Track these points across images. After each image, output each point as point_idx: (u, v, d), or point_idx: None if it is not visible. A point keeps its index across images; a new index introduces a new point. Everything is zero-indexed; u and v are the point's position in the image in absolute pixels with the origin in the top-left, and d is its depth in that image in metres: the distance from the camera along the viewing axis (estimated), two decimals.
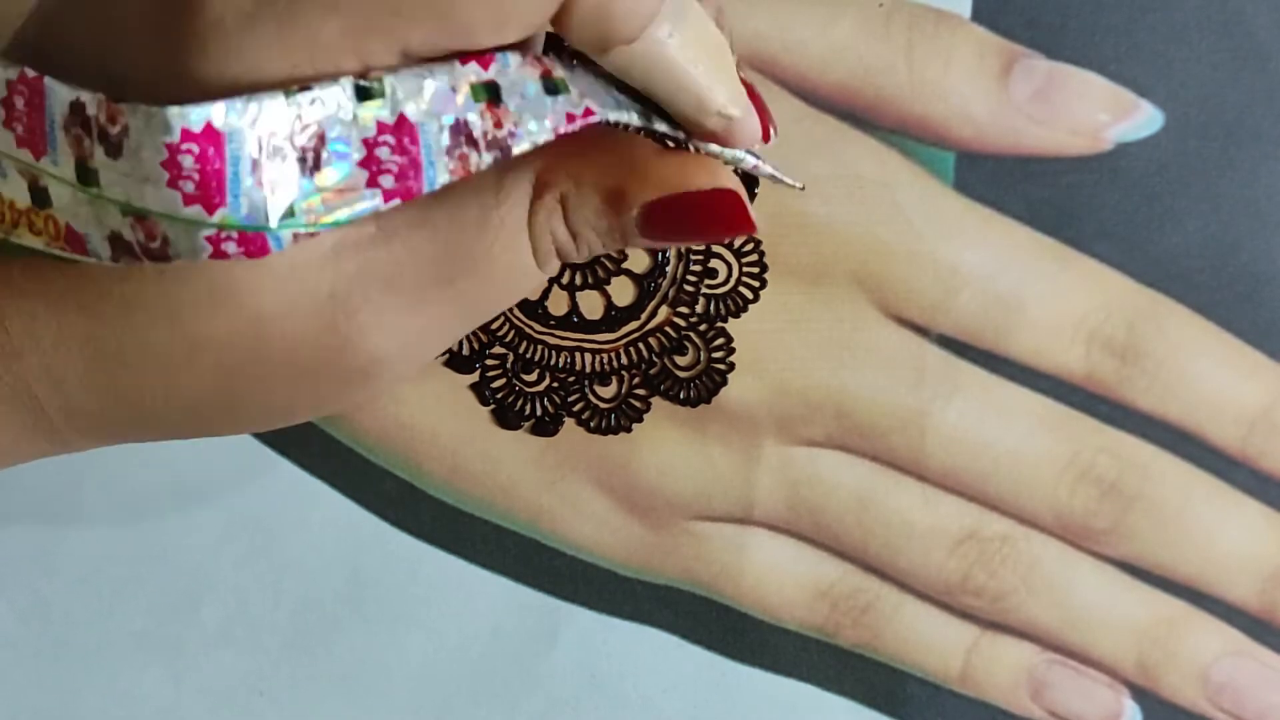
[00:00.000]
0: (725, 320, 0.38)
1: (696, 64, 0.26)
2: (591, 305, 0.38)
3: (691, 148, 0.28)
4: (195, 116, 0.23)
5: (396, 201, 0.24)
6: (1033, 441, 0.39)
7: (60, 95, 0.24)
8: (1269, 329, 0.38)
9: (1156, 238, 0.38)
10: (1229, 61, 0.38)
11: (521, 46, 0.25)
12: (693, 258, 0.38)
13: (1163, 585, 0.39)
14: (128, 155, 0.23)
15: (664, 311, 0.38)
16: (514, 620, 0.39)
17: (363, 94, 0.24)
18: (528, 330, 0.38)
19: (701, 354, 0.38)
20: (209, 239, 0.24)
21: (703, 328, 0.38)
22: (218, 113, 0.23)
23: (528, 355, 0.38)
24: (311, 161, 0.24)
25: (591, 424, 0.38)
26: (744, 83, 0.28)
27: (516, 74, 0.25)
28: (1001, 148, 0.38)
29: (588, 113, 0.26)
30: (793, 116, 0.38)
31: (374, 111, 0.24)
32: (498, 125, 0.25)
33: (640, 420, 0.38)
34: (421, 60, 0.24)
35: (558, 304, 0.38)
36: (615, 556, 0.39)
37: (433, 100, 0.24)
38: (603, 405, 0.38)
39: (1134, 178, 0.38)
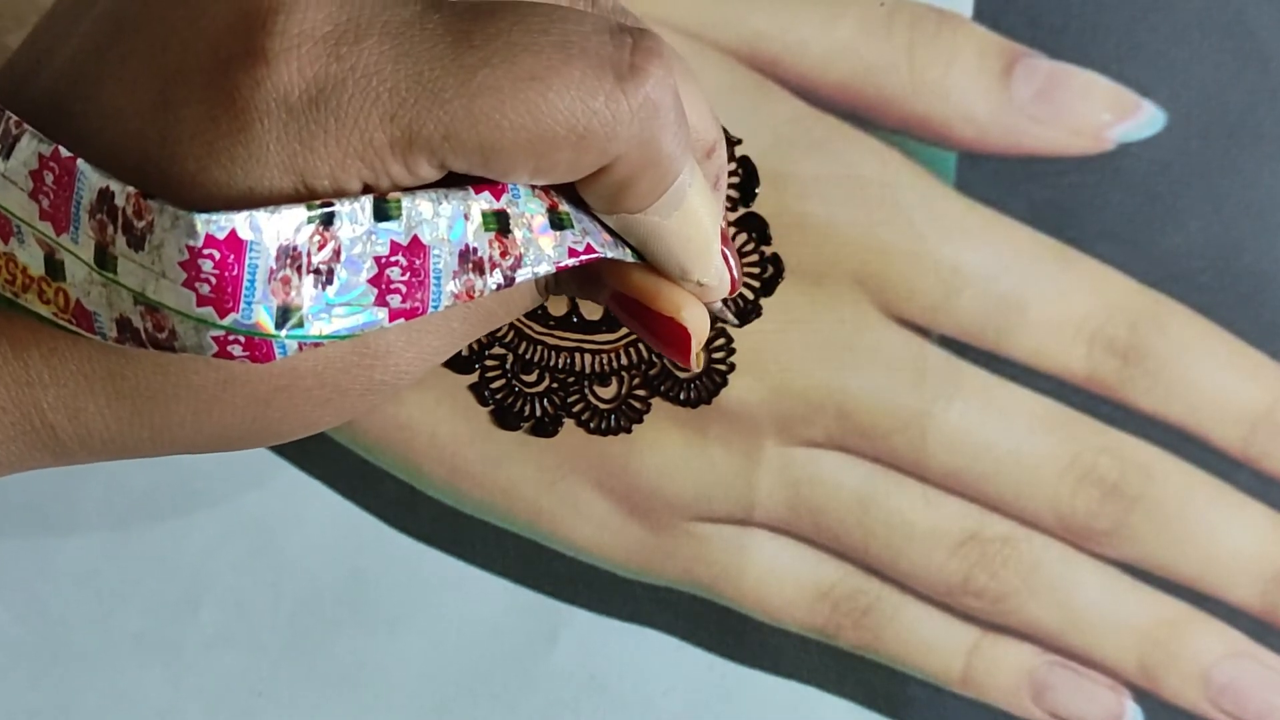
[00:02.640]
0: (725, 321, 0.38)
1: (686, 242, 0.28)
2: (591, 305, 0.38)
3: None
4: (221, 224, 0.23)
5: (401, 321, 0.25)
6: (1034, 442, 0.38)
7: (90, 180, 0.24)
8: (1271, 329, 0.38)
9: (1158, 238, 0.38)
10: (1231, 61, 0.38)
11: None
12: None
13: (1164, 587, 0.39)
14: (149, 250, 0.24)
15: None
16: (513, 621, 0.39)
17: (380, 213, 0.25)
18: (527, 331, 0.38)
19: (702, 355, 0.38)
20: (216, 339, 0.24)
21: None
22: (242, 222, 0.23)
23: (527, 356, 0.38)
24: (325, 276, 0.24)
25: (591, 425, 0.38)
26: (724, 236, 0.30)
27: (525, 205, 0.26)
28: (1003, 148, 0.38)
29: (589, 249, 0.27)
30: (794, 117, 0.38)
31: (390, 232, 0.25)
32: (504, 255, 0.26)
33: (640, 421, 0.38)
34: (437, 184, 0.25)
35: (558, 304, 0.38)
36: (615, 558, 0.39)
37: (446, 226, 0.25)
38: (602, 406, 0.38)
39: (1136, 178, 0.38)
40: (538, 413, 0.38)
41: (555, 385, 0.38)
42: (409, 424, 0.38)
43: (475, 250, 0.26)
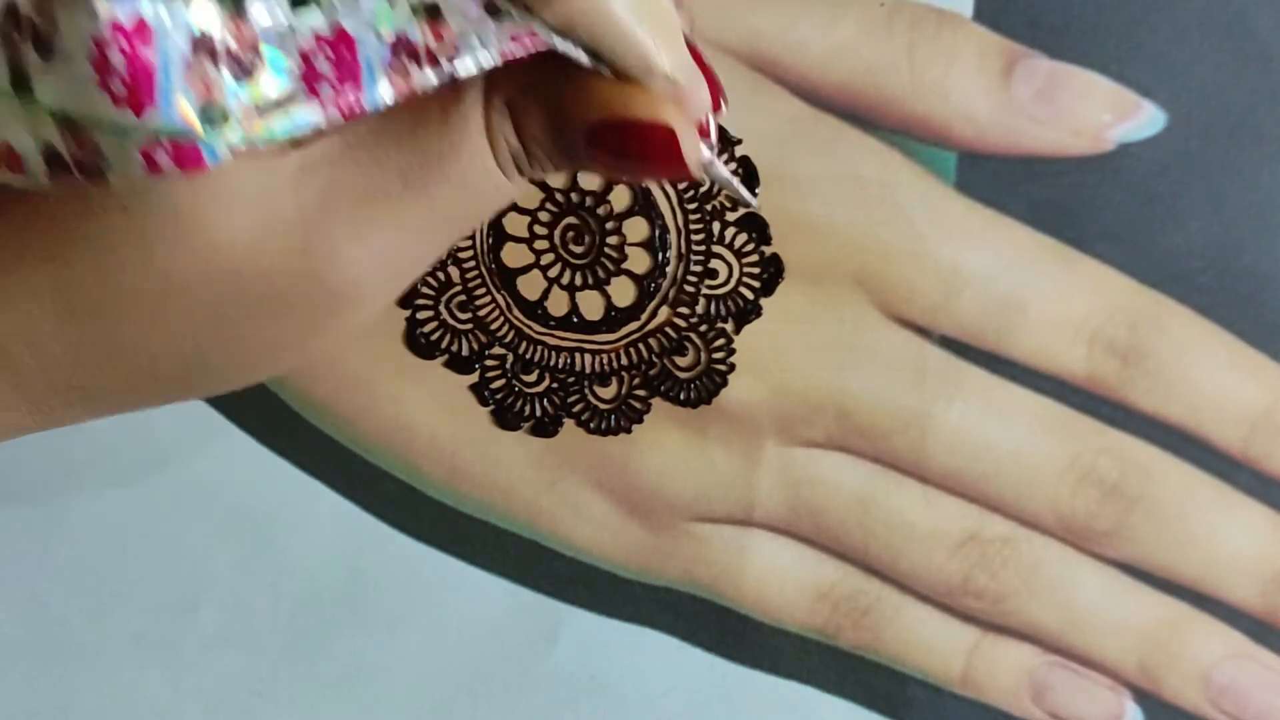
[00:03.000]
0: (726, 321, 0.38)
1: (641, 24, 0.26)
2: (591, 306, 0.38)
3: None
4: (123, 8, 0.22)
5: (337, 116, 0.24)
6: (1034, 443, 0.38)
7: None
8: (1271, 330, 0.38)
9: (1159, 238, 0.38)
10: (1231, 62, 0.38)
11: None
12: (693, 258, 0.38)
13: (1164, 587, 0.39)
14: (59, 56, 0.22)
15: (664, 312, 0.38)
16: (513, 622, 0.39)
17: (297, 1, 0.23)
18: (527, 331, 0.38)
19: (702, 355, 0.38)
20: (142, 151, 0.23)
21: (703, 328, 0.38)
22: (148, 7, 0.22)
23: (527, 356, 0.38)
24: (247, 68, 0.23)
25: (591, 425, 0.38)
26: (693, 51, 0.27)
27: None
28: (1003, 148, 0.38)
29: (533, 37, 0.25)
30: (794, 117, 0.37)
31: (309, 21, 0.23)
32: (440, 40, 0.24)
33: (640, 421, 0.38)
34: None
35: (558, 304, 0.38)
36: (615, 558, 0.39)
37: (371, 11, 0.24)
38: (602, 406, 0.38)
39: (1136, 178, 0.38)
40: (538, 413, 0.38)
41: (555, 385, 0.38)
42: (409, 424, 0.38)
43: (408, 38, 0.24)
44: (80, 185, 0.24)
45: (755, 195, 0.38)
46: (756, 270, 0.38)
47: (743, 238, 0.38)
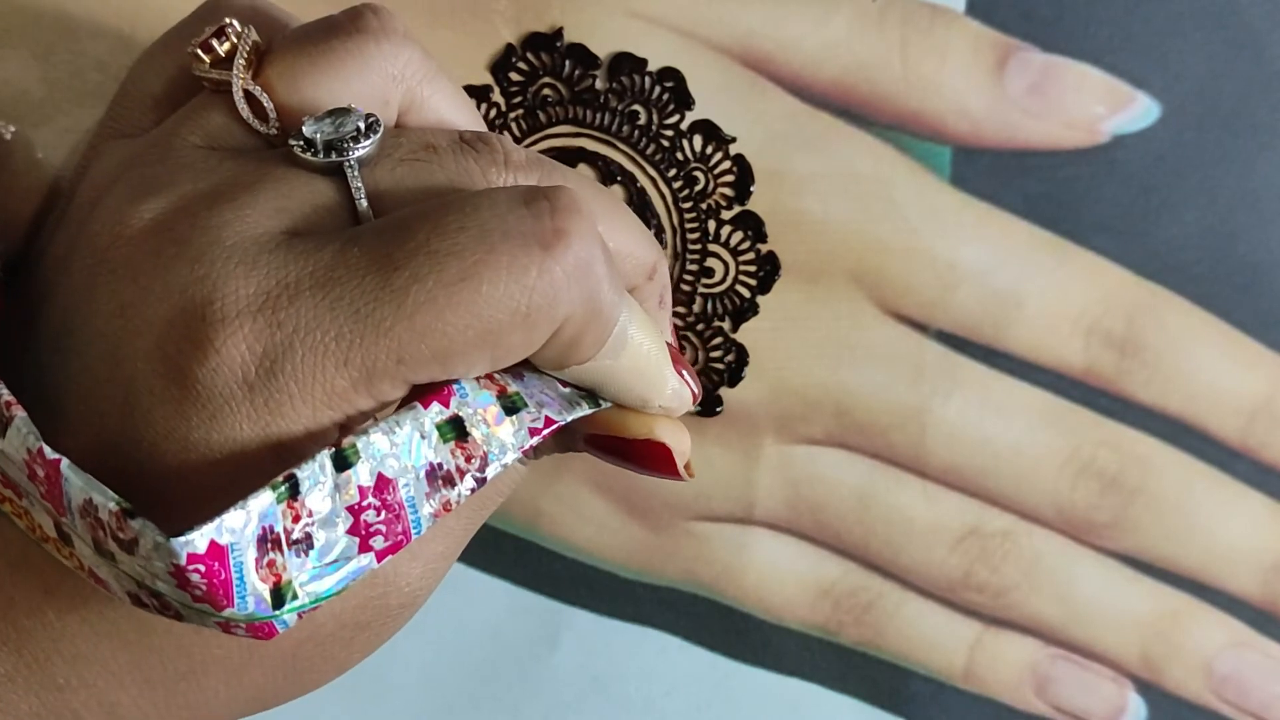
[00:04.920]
0: (723, 319, 0.38)
1: (640, 372, 0.29)
2: None
3: None
4: (198, 541, 0.23)
5: (389, 556, 0.26)
6: (1033, 436, 0.38)
7: (75, 486, 0.24)
8: (1268, 320, 0.38)
9: (1154, 230, 0.38)
10: (1225, 52, 0.38)
11: None
12: (689, 257, 0.38)
13: (1165, 578, 0.39)
14: (140, 556, 0.24)
15: None
16: (514, 624, 0.39)
17: (341, 463, 0.25)
18: None
19: (700, 354, 0.38)
20: (218, 624, 0.25)
21: (700, 327, 0.38)
22: (216, 531, 0.24)
23: None
24: (305, 543, 0.25)
25: None
26: (675, 353, 0.31)
27: (476, 400, 0.27)
28: (998, 142, 0.38)
29: (549, 422, 0.28)
30: (788, 114, 0.37)
31: (354, 478, 0.25)
32: (468, 459, 0.26)
33: None
34: (383, 409, 0.26)
35: None
36: (616, 558, 0.39)
37: (405, 453, 0.26)
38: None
39: (1131, 170, 0.38)
40: None
41: None
42: None
43: (440, 465, 0.26)
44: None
45: (750, 196, 0.38)
46: (753, 268, 0.38)
47: (739, 236, 0.38)
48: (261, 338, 0.25)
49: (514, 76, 0.37)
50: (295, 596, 0.25)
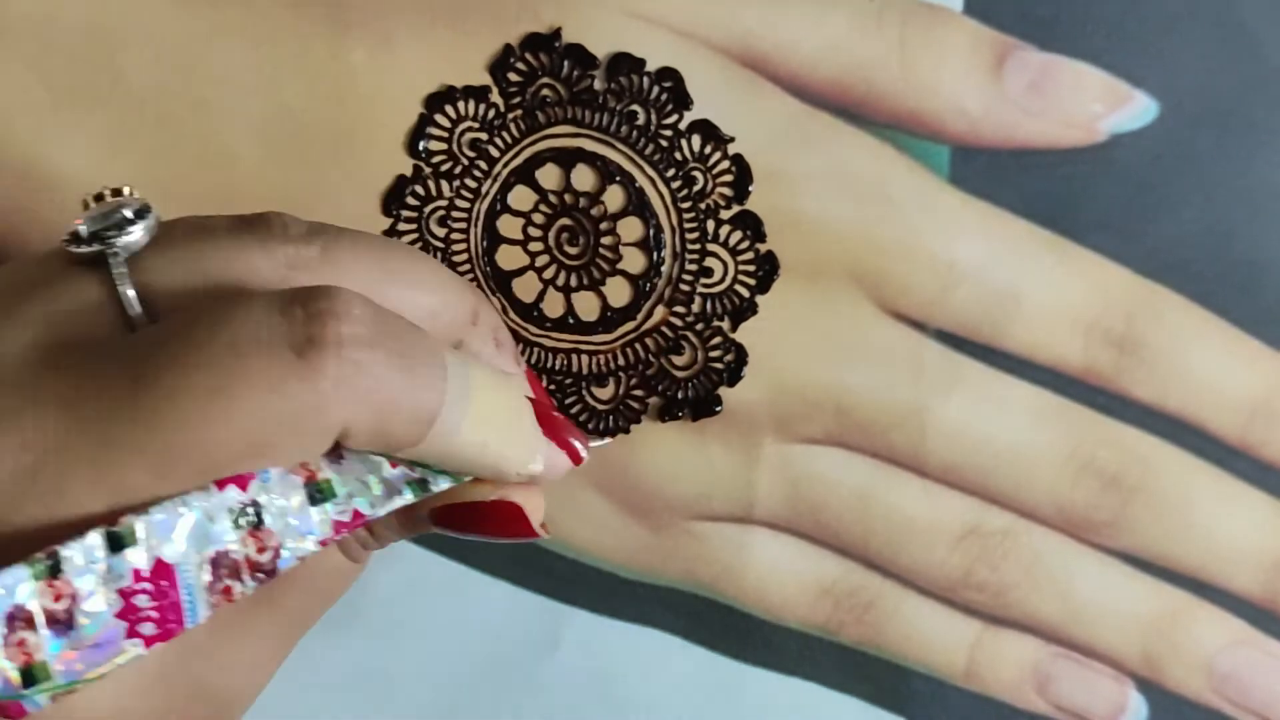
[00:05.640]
0: (722, 319, 0.38)
1: (490, 442, 0.27)
2: (587, 306, 0.38)
3: None
4: None
5: (159, 645, 0.24)
6: (1033, 435, 0.38)
7: None
8: (1267, 317, 0.38)
9: (1153, 228, 0.38)
10: (1222, 50, 0.38)
11: None
12: (688, 257, 0.38)
13: (1166, 576, 0.39)
14: None
15: (660, 312, 0.38)
16: (515, 624, 0.39)
17: (115, 543, 0.24)
18: (524, 332, 0.38)
19: (699, 354, 0.38)
20: None
21: (699, 327, 0.38)
22: None
23: (524, 357, 0.38)
24: (65, 621, 0.23)
25: (589, 426, 0.38)
26: (543, 410, 0.29)
27: (279, 487, 0.25)
28: (996, 141, 0.38)
29: (357, 516, 0.26)
30: (786, 114, 0.37)
31: (129, 560, 0.24)
32: (260, 550, 0.25)
33: (638, 421, 0.38)
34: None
35: (553, 306, 0.38)
36: (616, 558, 0.39)
37: (190, 538, 0.24)
38: (600, 407, 0.38)
39: (1129, 168, 0.38)
40: None
41: (552, 387, 0.38)
42: None
43: (228, 554, 0.25)
44: None
45: (749, 196, 0.38)
46: (752, 268, 0.38)
47: (737, 236, 0.38)
48: (6, 459, 0.23)
49: (512, 77, 0.37)
50: (49, 676, 0.23)
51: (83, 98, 0.37)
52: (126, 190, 0.27)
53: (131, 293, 0.25)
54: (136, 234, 0.26)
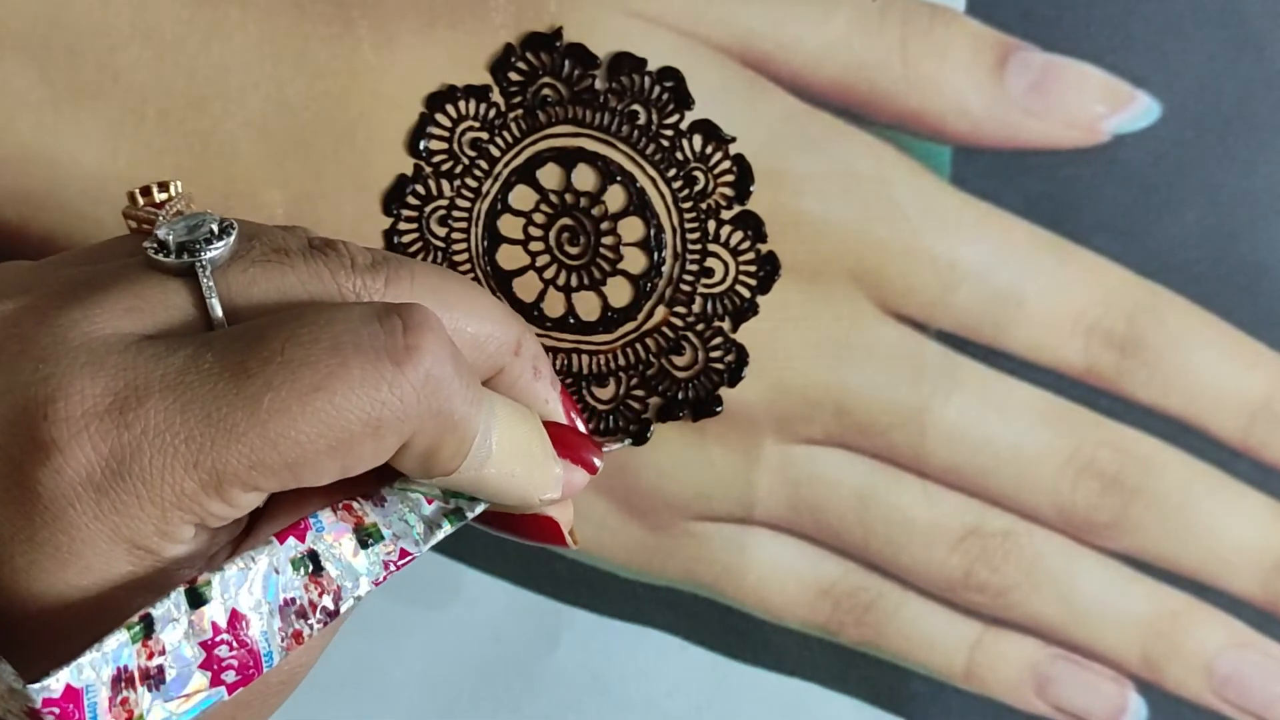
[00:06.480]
0: (723, 319, 0.38)
1: (514, 473, 0.30)
2: (588, 306, 0.38)
3: None
4: (54, 685, 0.24)
5: (240, 690, 0.26)
6: (1033, 436, 0.38)
7: None
8: (1269, 319, 0.38)
9: (1155, 229, 0.38)
10: (1225, 51, 0.38)
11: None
12: (689, 257, 0.38)
13: (1166, 578, 0.39)
14: (2, 693, 0.24)
15: (661, 312, 0.38)
16: (515, 624, 0.39)
17: (195, 600, 0.25)
18: None
19: (699, 354, 0.38)
20: None
21: (700, 327, 0.38)
22: (71, 674, 0.24)
23: None
24: (156, 678, 0.25)
25: (590, 426, 0.38)
26: (561, 432, 0.31)
27: (331, 534, 0.27)
28: (998, 141, 0.38)
29: (404, 555, 0.29)
30: (787, 114, 0.37)
31: (208, 614, 0.26)
32: (322, 594, 0.27)
33: (638, 421, 0.38)
34: (240, 545, 0.27)
35: (554, 305, 0.38)
36: (616, 558, 0.39)
37: (260, 588, 0.26)
38: (600, 407, 0.38)
39: (1131, 169, 0.38)
40: None
41: None
42: None
43: (294, 600, 0.27)
44: None
45: (750, 196, 0.38)
46: (753, 268, 0.38)
47: (738, 236, 0.38)
48: (108, 438, 0.25)
49: (513, 76, 0.37)
50: None
51: (84, 94, 0.37)
52: (174, 187, 0.29)
53: (217, 304, 0.27)
54: (221, 250, 0.27)
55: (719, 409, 0.38)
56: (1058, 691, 0.39)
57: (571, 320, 0.38)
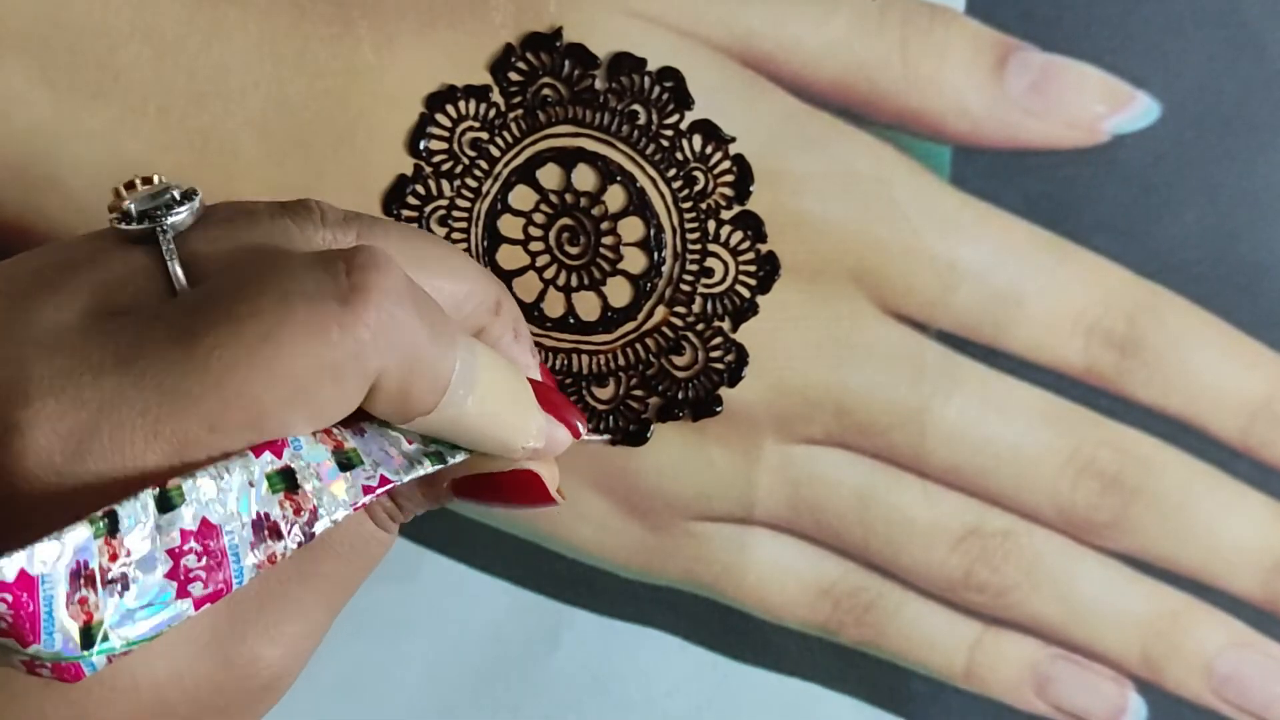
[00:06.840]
0: (723, 319, 0.38)
1: (495, 415, 0.29)
2: (588, 306, 0.38)
3: None
4: (7, 569, 0.23)
5: (208, 605, 0.25)
6: (1033, 436, 0.38)
7: None
8: (1268, 319, 0.38)
9: (1154, 229, 0.38)
10: (1225, 51, 0.38)
11: None
12: (689, 257, 0.38)
13: (1166, 578, 0.39)
14: None
15: (661, 312, 0.38)
16: (515, 624, 0.39)
17: (165, 504, 0.25)
18: None
19: (699, 354, 0.38)
20: (23, 662, 0.24)
21: (700, 327, 0.38)
22: (26, 558, 0.23)
23: None
24: (121, 583, 0.24)
25: (589, 426, 0.38)
26: (544, 389, 0.31)
27: (309, 454, 0.26)
28: (998, 141, 0.38)
29: (384, 481, 0.27)
30: (787, 114, 0.37)
31: (177, 520, 0.25)
32: (297, 511, 0.26)
33: (638, 421, 0.38)
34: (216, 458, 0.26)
35: (554, 306, 0.38)
36: (616, 558, 0.39)
37: (234, 499, 0.25)
38: (600, 407, 0.38)
39: (1131, 169, 0.38)
40: None
41: None
42: None
43: (268, 516, 0.26)
44: None
45: (750, 196, 0.38)
46: (753, 268, 0.38)
47: (738, 236, 0.38)
48: (65, 417, 0.24)
49: (513, 76, 0.37)
50: (106, 639, 0.24)
51: (85, 93, 0.37)
52: (156, 179, 0.29)
53: (179, 266, 0.27)
54: (183, 214, 0.27)
55: (719, 409, 0.38)
56: (1058, 691, 0.39)
57: (571, 320, 0.38)
